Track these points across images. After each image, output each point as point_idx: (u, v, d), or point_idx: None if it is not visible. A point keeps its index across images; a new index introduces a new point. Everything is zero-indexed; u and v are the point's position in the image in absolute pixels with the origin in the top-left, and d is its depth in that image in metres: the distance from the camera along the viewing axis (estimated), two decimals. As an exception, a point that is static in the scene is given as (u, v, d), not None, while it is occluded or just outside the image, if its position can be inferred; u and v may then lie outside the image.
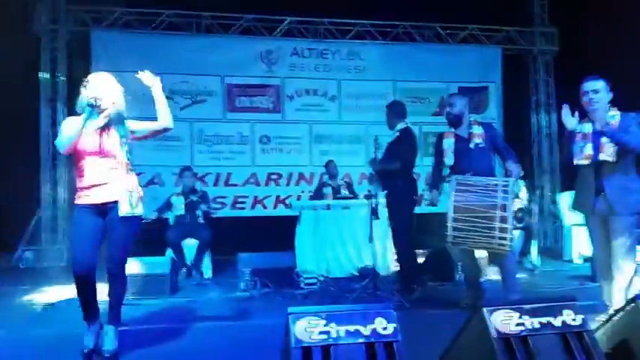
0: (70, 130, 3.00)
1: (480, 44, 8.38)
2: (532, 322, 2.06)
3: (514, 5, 8.23)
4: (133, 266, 4.86)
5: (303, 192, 8.19)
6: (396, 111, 4.66)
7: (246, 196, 8.11)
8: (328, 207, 5.84)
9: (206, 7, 7.77)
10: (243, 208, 8.08)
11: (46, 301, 4.68)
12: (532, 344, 2.01)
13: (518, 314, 2.07)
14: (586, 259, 6.18)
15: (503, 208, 3.35)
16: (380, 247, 5.37)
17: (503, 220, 3.33)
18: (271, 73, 8.09)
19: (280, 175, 8.19)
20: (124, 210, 3.00)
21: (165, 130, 3.34)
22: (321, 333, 1.81)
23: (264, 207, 8.16)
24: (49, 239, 7.76)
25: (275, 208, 8.17)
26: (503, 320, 2.03)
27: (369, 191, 4.44)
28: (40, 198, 7.76)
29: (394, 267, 4.77)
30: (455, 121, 4.09)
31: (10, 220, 8.60)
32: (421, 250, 5.51)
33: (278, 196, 8.18)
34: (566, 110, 3.37)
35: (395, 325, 1.86)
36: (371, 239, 4.43)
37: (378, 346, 1.80)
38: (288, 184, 8.21)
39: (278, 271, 5.51)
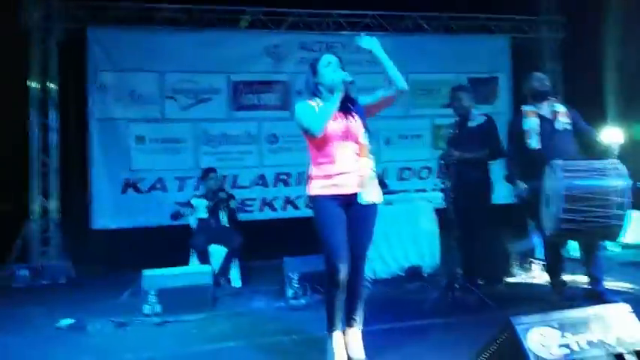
0: (325, 110, 2.80)
1: (488, 34, 8.23)
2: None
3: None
4: (170, 278, 4.43)
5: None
6: (472, 94, 4.37)
7: (254, 199, 7.71)
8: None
9: (208, 0, 7.33)
10: (251, 212, 7.66)
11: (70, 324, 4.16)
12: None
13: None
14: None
15: (622, 193, 3.10)
16: (429, 244, 5.09)
17: (621, 206, 3.08)
18: (279, 69, 7.71)
19: (289, 175, 7.81)
20: (372, 197, 2.82)
21: (401, 93, 2.93)
22: (560, 346, 1.49)
23: (273, 209, 7.78)
24: (40, 255, 7.15)
25: (284, 210, 7.79)
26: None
27: (443, 183, 4.12)
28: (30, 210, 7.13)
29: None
30: (543, 96, 3.81)
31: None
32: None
33: (287, 197, 7.81)
34: None
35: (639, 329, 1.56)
36: (436, 236, 4.13)
37: (630, 357, 1.49)
38: (298, 184, 7.82)
39: (318, 275, 5.12)
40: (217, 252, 5.46)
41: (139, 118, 7.36)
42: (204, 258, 5.32)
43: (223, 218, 5.62)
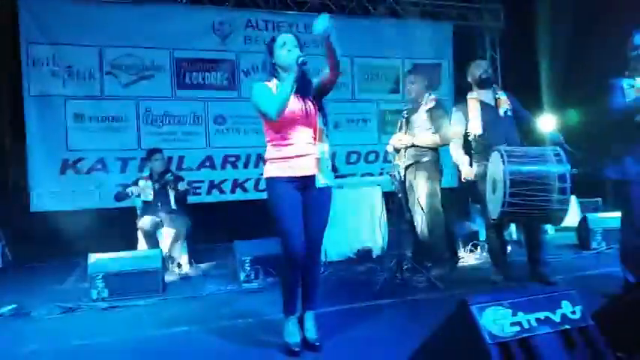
0: (281, 92, 2.74)
1: (433, 20, 8.40)
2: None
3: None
4: (119, 262, 4.33)
5: (261, 175, 7.82)
6: (428, 78, 4.47)
7: (202, 181, 7.60)
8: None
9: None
10: (198, 194, 7.55)
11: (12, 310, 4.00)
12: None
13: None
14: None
15: (563, 178, 3.29)
16: (378, 226, 5.23)
17: (562, 191, 3.27)
18: (225, 47, 7.55)
19: (238, 157, 7.74)
20: (327, 180, 2.83)
21: (333, 79, 2.85)
22: (512, 325, 1.61)
23: (222, 192, 7.71)
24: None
25: (233, 192, 7.74)
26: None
27: (394, 167, 4.22)
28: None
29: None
30: (486, 84, 3.95)
31: None
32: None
33: (236, 180, 7.75)
34: None
35: (582, 307, 1.70)
36: (384, 219, 4.25)
37: (574, 333, 1.64)
38: (246, 167, 7.80)
39: (271, 258, 5.12)
40: (168, 235, 5.36)
41: (77, 95, 7.04)
42: (151, 242, 5.21)
43: (171, 201, 5.50)
